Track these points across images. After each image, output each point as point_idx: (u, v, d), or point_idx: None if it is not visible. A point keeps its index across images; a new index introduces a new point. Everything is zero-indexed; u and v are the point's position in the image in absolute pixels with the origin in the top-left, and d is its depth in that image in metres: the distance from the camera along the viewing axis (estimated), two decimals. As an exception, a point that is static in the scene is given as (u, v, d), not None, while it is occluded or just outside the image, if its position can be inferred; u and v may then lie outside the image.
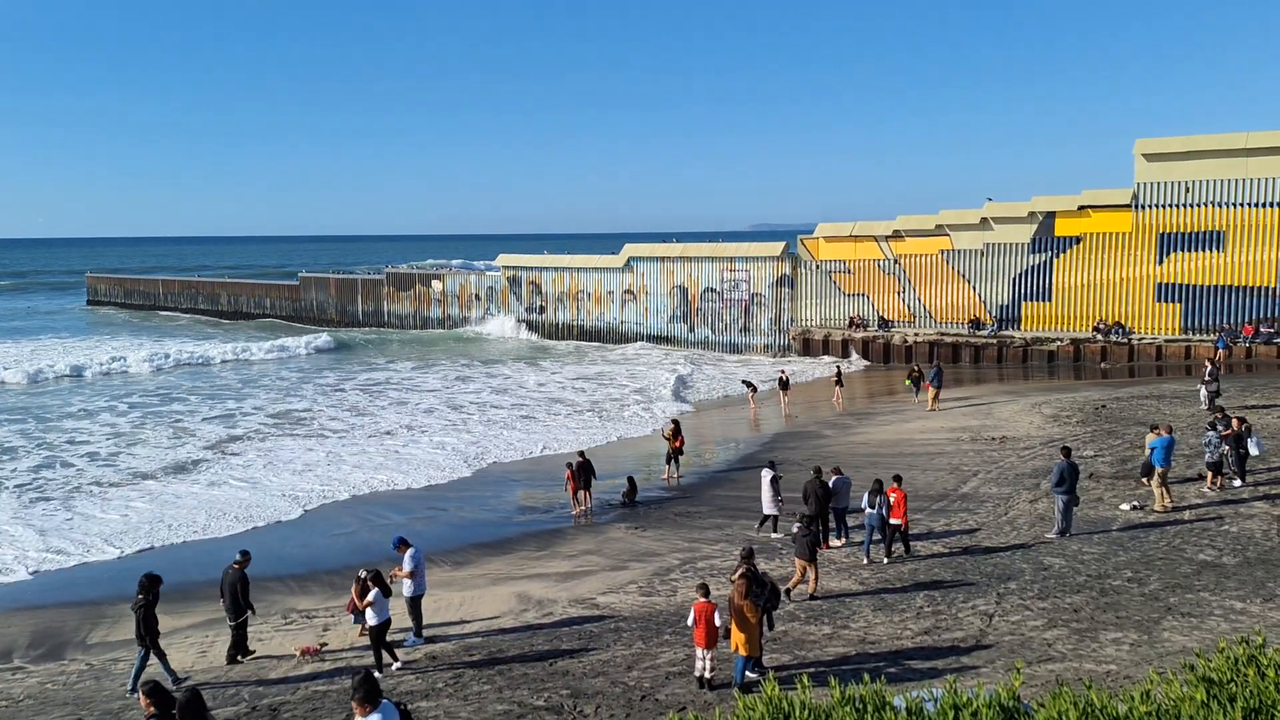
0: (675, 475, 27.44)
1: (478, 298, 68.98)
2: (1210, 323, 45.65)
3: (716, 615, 12.90)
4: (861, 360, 51.09)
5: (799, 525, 17.01)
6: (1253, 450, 21.81)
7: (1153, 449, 20.66)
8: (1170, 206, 46.17)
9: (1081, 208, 48.07)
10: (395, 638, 16.04)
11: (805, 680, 6.23)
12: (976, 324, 50.23)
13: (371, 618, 14.63)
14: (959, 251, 51.10)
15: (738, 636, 12.83)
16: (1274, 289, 44.40)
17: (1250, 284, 44.86)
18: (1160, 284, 46.63)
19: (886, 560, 18.51)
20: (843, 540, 20.07)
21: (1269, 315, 44.48)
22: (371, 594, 14.66)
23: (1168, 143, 46.19)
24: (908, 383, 39.47)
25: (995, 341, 48.64)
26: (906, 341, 50.78)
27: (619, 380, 47.53)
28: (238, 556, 15.91)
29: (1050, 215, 48.81)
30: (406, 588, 15.84)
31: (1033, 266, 49.42)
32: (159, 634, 14.65)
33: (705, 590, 13.35)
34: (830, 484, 20.07)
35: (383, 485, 27.75)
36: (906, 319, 52.78)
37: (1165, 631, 13.74)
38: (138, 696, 13.60)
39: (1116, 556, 17.51)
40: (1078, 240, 48.27)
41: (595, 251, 71.94)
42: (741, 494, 25.56)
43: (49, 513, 25.55)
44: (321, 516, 24.97)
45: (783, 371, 41.26)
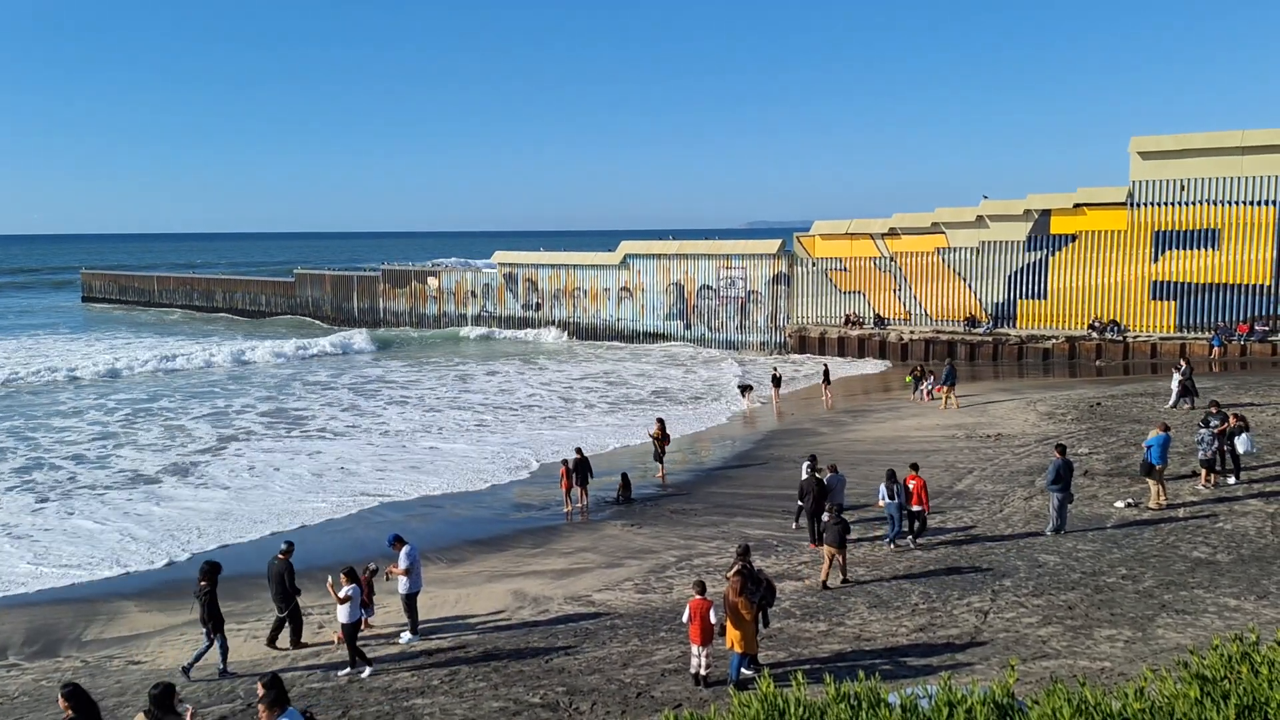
0: (664, 474, 27.37)
1: (474, 294, 68.91)
2: (1205, 321, 45.72)
3: (712, 612, 12.92)
4: (882, 362, 49.67)
5: (829, 514, 17.51)
6: (1241, 448, 21.84)
7: (1149, 446, 20.70)
8: (1165, 204, 46.23)
9: (1077, 206, 48.13)
10: (390, 634, 16.07)
11: (800, 677, 6.24)
12: (972, 322, 50.28)
13: (343, 615, 14.47)
14: (955, 249, 51.14)
15: (733, 634, 12.85)
16: (1268, 287, 44.48)
17: (1245, 282, 44.94)
18: (1155, 282, 46.69)
19: (914, 546, 19.07)
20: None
21: (1263, 313, 44.58)
22: (346, 589, 14.51)
23: (1163, 141, 46.24)
24: (909, 380, 39.47)
25: (991, 339, 48.68)
26: (902, 339, 50.80)
27: (706, 376, 47.58)
28: (283, 546, 16.30)
29: (1045, 213, 48.85)
30: (402, 585, 15.83)
31: (1028, 264, 49.46)
32: (223, 620, 15.00)
33: (701, 587, 13.36)
34: (825, 481, 20.10)
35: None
36: (902, 317, 52.81)
37: (1159, 629, 13.77)
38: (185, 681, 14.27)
39: (1111, 554, 17.55)
40: (1073, 238, 48.33)
41: (591, 249, 71.96)
42: (737, 491, 25.58)
43: (146, 514, 25.43)
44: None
45: (775, 369, 42.04)
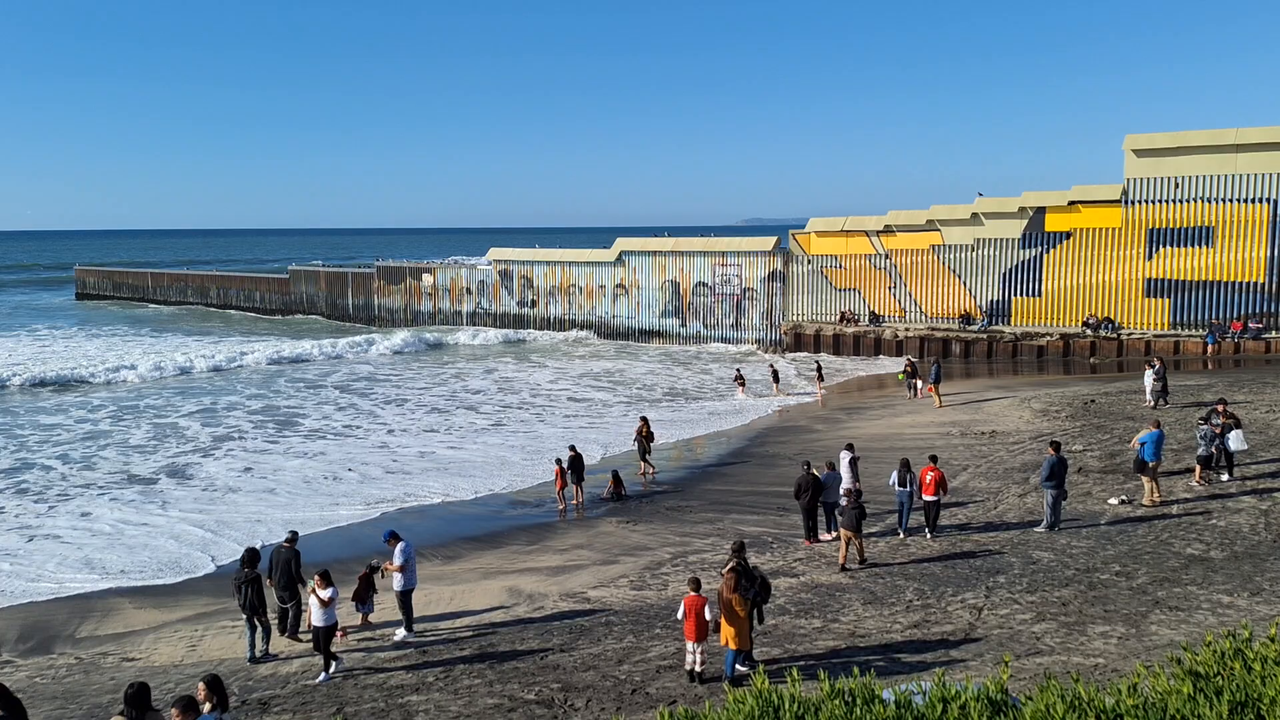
0: (649, 471, 27.31)
1: (469, 291, 68.82)
2: (1199, 318, 45.84)
3: (707, 609, 12.93)
4: (903, 359, 48.11)
5: (846, 499, 17.95)
6: (1233, 445, 21.89)
7: (1143, 443, 20.75)
8: (1160, 202, 46.33)
9: (1071, 203, 48.20)
10: (385, 630, 16.07)
11: (795, 674, 6.25)
12: (967, 319, 50.33)
13: (318, 618, 14.14)
14: (950, 246, 51.18)
15: (727, 630, 12.87)
16: (1262, 285, 44.60)
17: (1239, 279, 45.06)
18: (1149, 279, 46.79)
19: (930, 535, 19.41)
20: (833, 534, 20.09)
21: (1257, 311, 44.68)
22: (326, 592, 14.20)
23: (1157, 138, 46.34)
24: (900, 377, 39.53)
25: (985, 336, 48.75)
26: (897, 336, 50.86)
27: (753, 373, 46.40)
28: (288, 535, 16.53)
29: (1040, 210, 48.92)
30: (397, 581, 15.82)
31: (1023, 261, 49.53)
32: (266, 607, 15.17)
33: (696, 584, 13.37)
34: (821, 478, 20.11)
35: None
36: (897, 314, 52.86)
37: (1153, 625, 13.81)
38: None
39: (1105, 550, 17.59)
40: (1068, 235, 48.40)
41: (587, 245, 71.85)
42: (732, 488, 25.59)
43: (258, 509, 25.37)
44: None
45: (772, 365, 43.08)
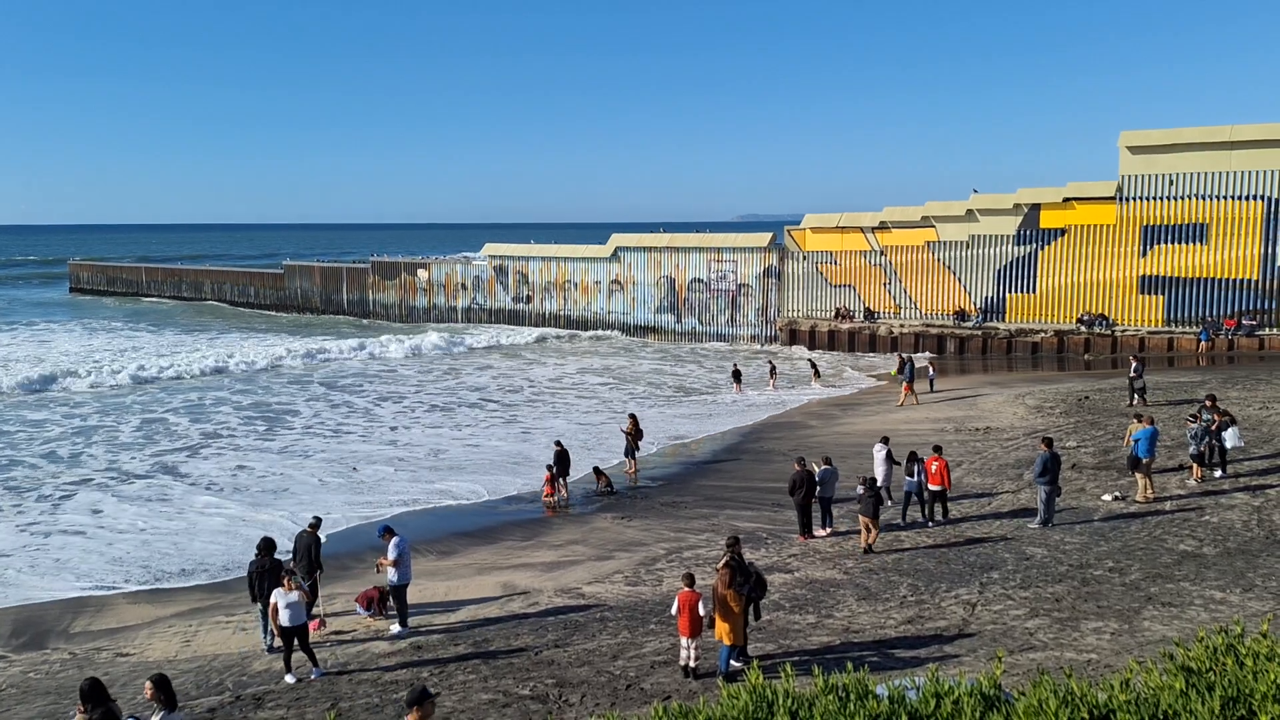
0: (634, 469, 27.25)
1: (464, 287, 68.76)
2: (1193, 315, 45.96)
3: (700, 605, 12.94)
4: (924, 355, 47.85)
5: (863, 487, 18.58)
6: (1229, 443, 21.96)
7: (1136, 440, 20.80)
8: (1154, 199, 46.42)
9: (1066, 200, 48.27)
10: (380, 626, 16.06)
11: (789, 669, 6.25)
12: (961, 315, 50.40)
13: (284, 618, 13.81)
14: (944, 243, 51.23)
15: (722, 626, 12.89)
16: (1256, 281, 44.73)
17: (1233, 276, 45.17)
18: (1144, 276, 46.88)
19: (932, 524, 20.07)
20: (828, 530, 20.13)
21: (1250, 308, 44.81)
22: (292, 595, 13.85)
23: (1152, 135, 46.41)
24: (894, 374, 39.59)
25: (980, 333, 48.83)
26: (892, 333, 50.92)
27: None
28: (311, 520, 16.86)
29: (1035, 207, 48.99)
30: (391, 576, 15.82)
31: (1017, 258, 49.60)
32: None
33: (690, 580, 13.38)
34: (819, 473, 20.12)
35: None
36: (892, 310, 52.92)
37: (1145, 621, 13.86)
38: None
39: (1098, 546, 17.64)
40: (1062, 232, 48.47)
41: (582, 241, 71.76)
42: (727, 484, 25.61)
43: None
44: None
45: (770, 361, 43.43)
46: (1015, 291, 49.80)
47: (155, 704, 9.72)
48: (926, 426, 30.54)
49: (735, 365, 42.94)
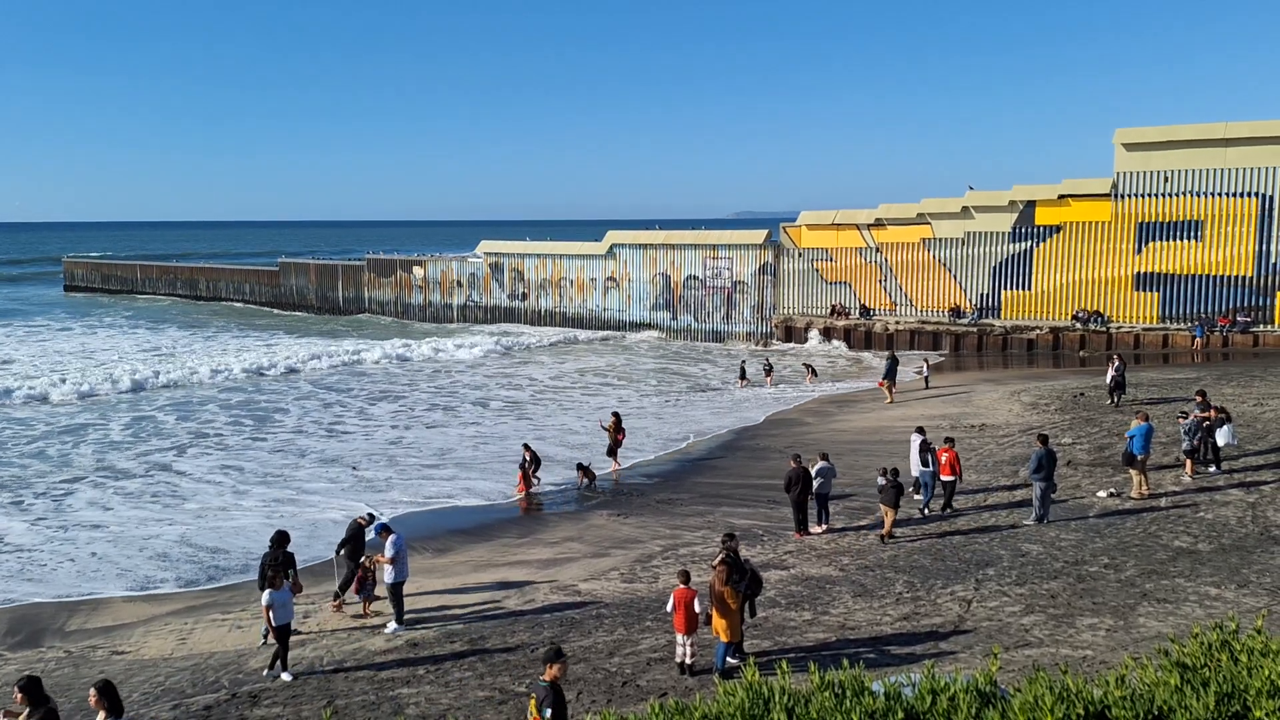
0: (619, 467, 27.18)
1: (459, 284, 68.69)
2: (1188, 312, 46.04)
3: (696, 602, 12.96)
4: (936, 354, 47.80)
5: (886, 477, 19.08)
6: (1222, 440, 22.01)
7: (1131, 437, 20.84)
8: (1149, 196, 46.48)
9: (1061, 197, 48.31)
10: (377, 624, 16.05)
11: (785, 666, 6.27)
12: (957, 312, 50.45)
13: (275, 616, 13.79)
14: (940, 240, 51.25)
15: (718, 623, 12.89)
16: (1250, 278, 44.81)
17: (1227, 273, 45.25)
18: (1139, 273, 46.95)
19: (944, 513, 20.57)
20: (823, 526, 20.13)
21: (1245, 304, 44.90)
22: (267, 596, 13.77)
23: (1147, 132, 46.46)
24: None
25: (975, 330, 48.87)
26: (888, 330, 50.95)
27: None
28: (366, 514, 17.84)
29: (1030, 204, 49.03)
30: (388, 574, 15.82)
31: (1013, 255, 49.64)
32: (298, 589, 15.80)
33: (686, 577, 13.40)
34: (817, 469, 20.10)
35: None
36: (888, 307, 52.94)
37: (1141, 617, 13.89)
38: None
39: (1093, 543, 17.68)
40: (1057, 229, 48.51)
41: (578, 238, 71.64)
42: (723, 481, 25.62)
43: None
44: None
45: (767, 359, 43.85)
46: (1010, 288, 49.84)
47: (100, 710, 9.57)
48: (922, 424, 30.54)
49: (742, 363, 43.03)
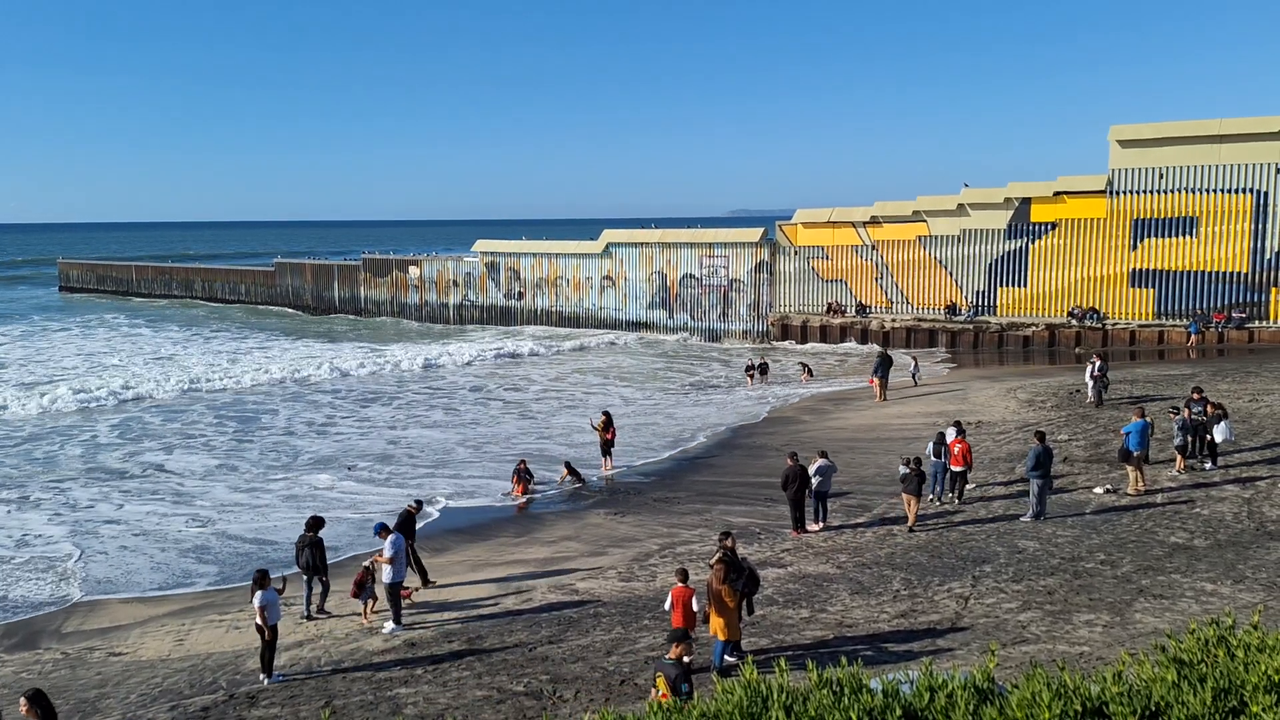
0: (611, 466, 27.14)
1: (455, 284, 68.63)
2: (1183, 308, 46.11)
3: (694, 600, 12.96)
4: (943, 350, 48.09)
5: (908, 468, 19.48)
6: (1219, 436, 22.05)
7: (1127, 433, 20.88)
8: (1144, 192, 46.54)
9: (1057, 194, 48.36)
10: (374, 624, 16.05)
11: (783, 664, 6.26)
12: (953, 309, 50.49)
13: (264, 616, 13.80)
14: (936, 237, 51.28)
15: (716, 621, 12.90)
16: (1245, 274, 44.89)
17: (1222, 269, 45.32)
18: (1134, 269, 47.02)
19: (958, 502, 21.13)
20: (820, 524, 20.13)
21: (1240, 300, 44.99)
22: (259, 597, 13.80)
23: (1142, 129, 46.51)
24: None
25: (971, 327, 48.92)
26: (884, 328, 50.98)
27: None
28: (413, 503, 18.88)
29: (1026, 201, 49.08)
30: (386, 574, 15.81)
31: (1008, 252, 49.69)
32: (326, 567, 16.82)
33: (683, 575, 13.40)
34: (818, 467, 20.07)
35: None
36: (884, 305, 52.97)
37: (1137, 613, 13.92)
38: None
39: (1090, 539, 17.71)
40: (1053, 226, 48.57)
41: (574, 237, 71.60)
42: (720, 479, 25.63)
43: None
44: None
45: (763, 357, 44.23)
46: (1006, 285, 49.88)
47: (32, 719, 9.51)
48: (919, 421, 30.61)
49: (749, 360, 43.09)
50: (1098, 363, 30.97)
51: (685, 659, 10.54)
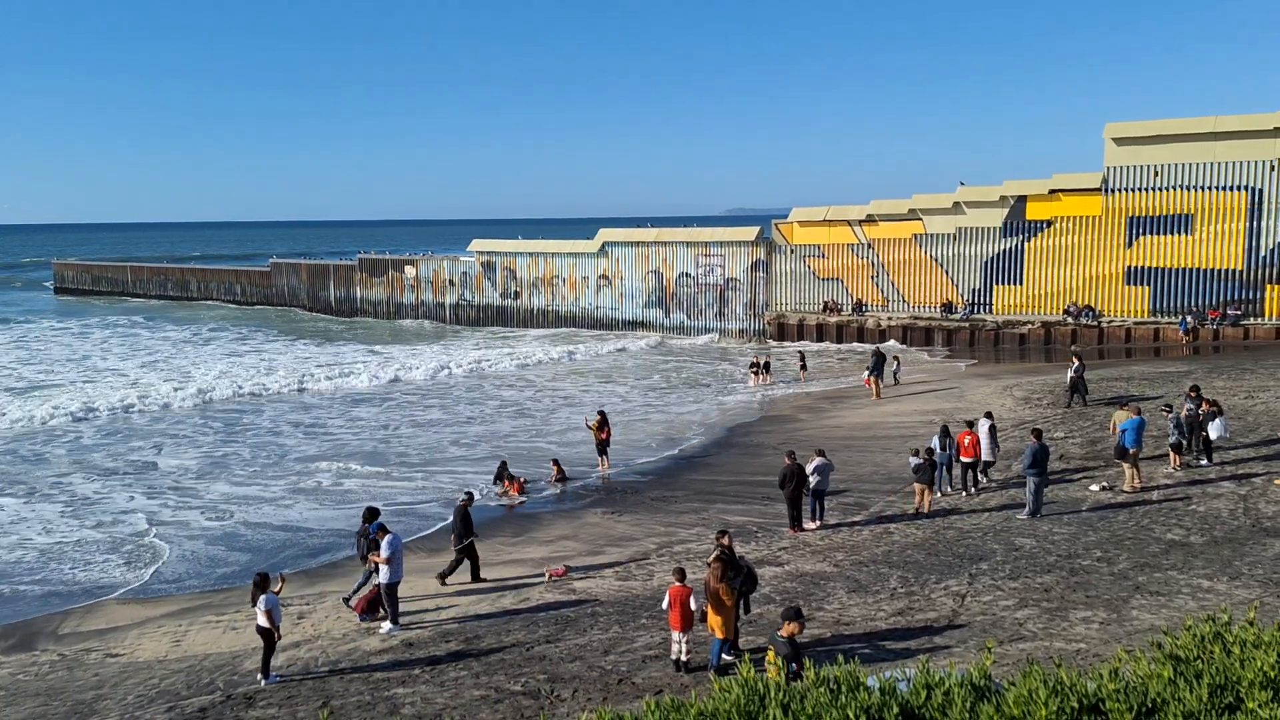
0: (607, 465, 27.11)
1: (452, 283, 68.58)
2: (1178, 305, 46.19)
3: (692, 599, 12.96)
4: (943, 349, 48.38)
5: (920, 459, 20.17)
6: (1214, 433, 22.10)
7: (1123, 430, 20.90)
8: (1139, 190, 46.61)
9: (1052, 191, 48.42)
10: (372, 625, 16.03)
11: (780, 662, 6.27)
12: (949, 307, 50.54)
13: (262, 619, 13.79)
14: (931, 235, 51.34)
15: (714, 620, 12.91)
16: (1240, 272, 44.98)
17: (1218, 267, 45.41)
18: (1130, 267, 47.10)
19: (973, 492, 21.77)
20: (817, 523, 20.14)
21: (1235, 297, 45.08)
22: (264, 600, 13.76)
23: (1137, 127, 46.58)
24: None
25: (967, 325, 48.98)
26: (880, 326, 51.03)
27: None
28: (463, 496, 19.17)
29: (1021, 199, 49.14)
30: (383, 574, 15.78)
31: (1004, 250, 49.75)
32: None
33: (681, 574, 13.40)
34: (816, 465, 20.07)
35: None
36: (880, 303, 53.01)
37: (1134, 610, 13.94)
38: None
39: (1086, 536, 17.73)
40: (1048, 224, 48.63)
41: (570, 236, 71.56)
42: (717, 478, 25.64)
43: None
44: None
45: (764, 357, 43.95)
46: (1002, 283, 49.94)
47: None
48: (915, 419, 30.64)
49: (753, 359, 43.15)
50: (1075, 363, 30.99)
51: (795, 638, 10.59)
